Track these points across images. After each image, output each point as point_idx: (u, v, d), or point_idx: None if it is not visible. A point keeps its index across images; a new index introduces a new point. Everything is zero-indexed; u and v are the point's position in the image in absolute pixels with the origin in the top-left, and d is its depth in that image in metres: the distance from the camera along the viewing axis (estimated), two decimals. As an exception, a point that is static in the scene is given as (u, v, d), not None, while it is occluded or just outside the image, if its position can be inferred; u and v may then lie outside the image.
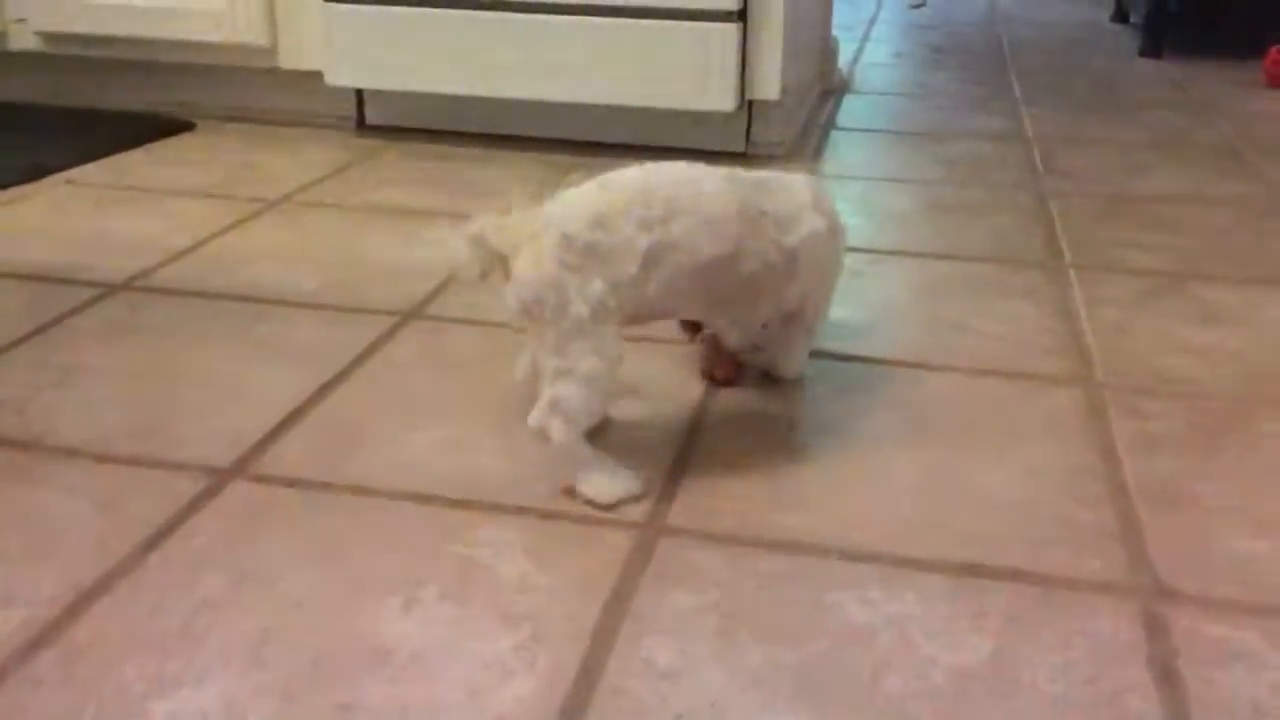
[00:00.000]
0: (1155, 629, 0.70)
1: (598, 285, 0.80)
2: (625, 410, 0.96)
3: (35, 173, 1.58)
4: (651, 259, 0.82)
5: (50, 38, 1.84)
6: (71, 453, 0.88)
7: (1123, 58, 2.61)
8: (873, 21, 3.09)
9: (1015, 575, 0.75)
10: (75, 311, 1.13)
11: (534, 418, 0.82)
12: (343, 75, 1.73)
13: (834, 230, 0.95)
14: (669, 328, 1.07)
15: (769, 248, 0.89)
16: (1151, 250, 1.35)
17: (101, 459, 0.87)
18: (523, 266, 0.80)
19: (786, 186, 0.93)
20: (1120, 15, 3.05)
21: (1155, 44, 2.58)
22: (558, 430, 0.81)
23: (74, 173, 1.60)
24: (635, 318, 0.86)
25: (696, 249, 0.84)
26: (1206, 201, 1.55)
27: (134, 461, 0.87)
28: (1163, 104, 2.15)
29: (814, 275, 0.94)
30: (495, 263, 0.82)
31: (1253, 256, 1.34)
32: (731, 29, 1.58)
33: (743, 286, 0.89)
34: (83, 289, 1.19)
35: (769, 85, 1.63)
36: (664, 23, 1.59)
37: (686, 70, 1.60)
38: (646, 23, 1.60)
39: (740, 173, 0.91)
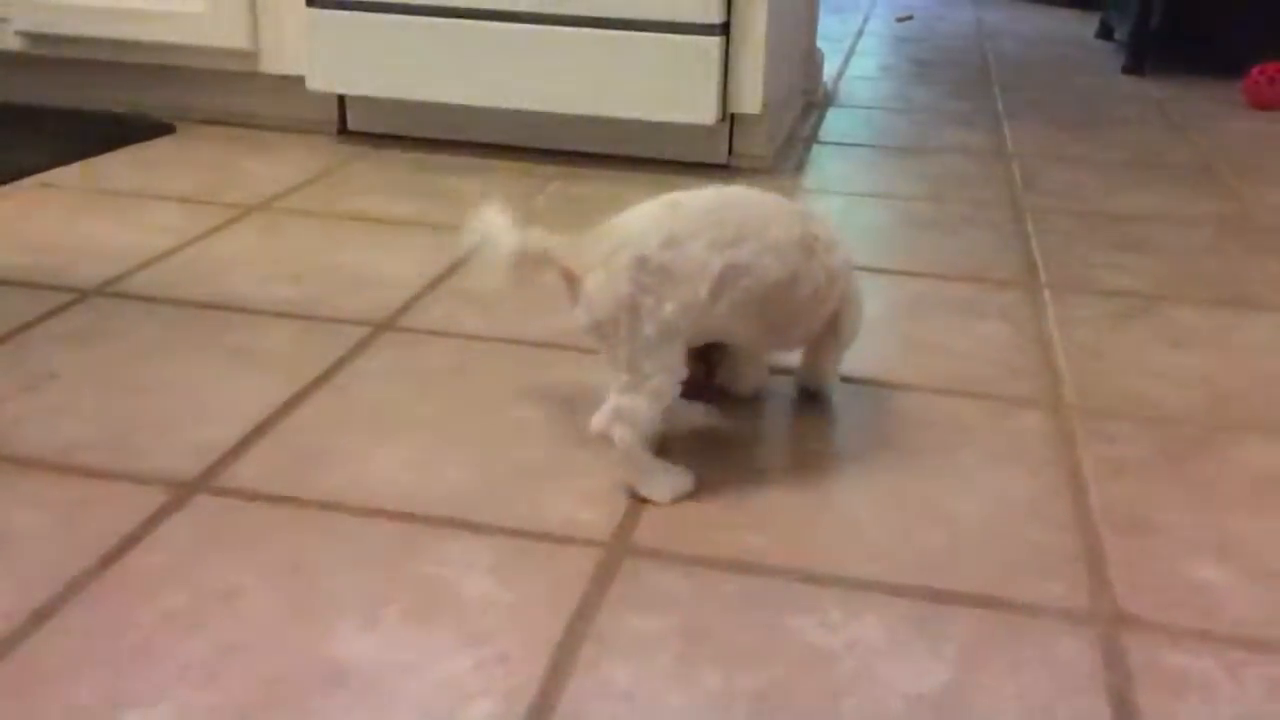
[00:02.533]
0: (1114, 657, 0.70)
1: (669, 307, 0.82)
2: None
3: (11, 174, 1.57)
4: (722, 282, 0.84)
5: (32, 38, 1.83)
6: (34, 463, 0.87)
7: (1106, 75, 2.62)
8: (859, 34, 3.10)
9: (977, 600, 0.75)
10: (46, 317, 1.13)
11: (598, 421, 0.84)
12: (324, 80, 1.73)
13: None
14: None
15: (820, 272, 0.91)
16: (1126, 270, 1.36)
17: (64, 470, 0.86)
18: (598, 287, 0.82)
19: (815, 211, 0.96)
20: (1105, 32, 3.07)
21: (1138, 62, 2.60)
22: (621, 436, 0.83)
23: (51, 175, 1.59)
24: (697, 337, 0.88)
25: (764, 273, 0.86)
26: (1182, 221, 1.56)
27: (97, 473, 0.86)
28: (1142, 122, 2.16)
29: (846, 296, 0.96)
30: (533, 272, 0.85)
31: (1225, 278, 1.35)
32: (714, 42, 1.58)
33: (795, 311, 0.92)
34: (55, 294, 1.18)
35: (751, 99, 1.63)
36: (647, 35, 1.59)
37: (668, 83, 1.60)
38: (629, 34, 1.60)
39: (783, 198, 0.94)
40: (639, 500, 0.84)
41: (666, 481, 0.85)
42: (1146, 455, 0.94)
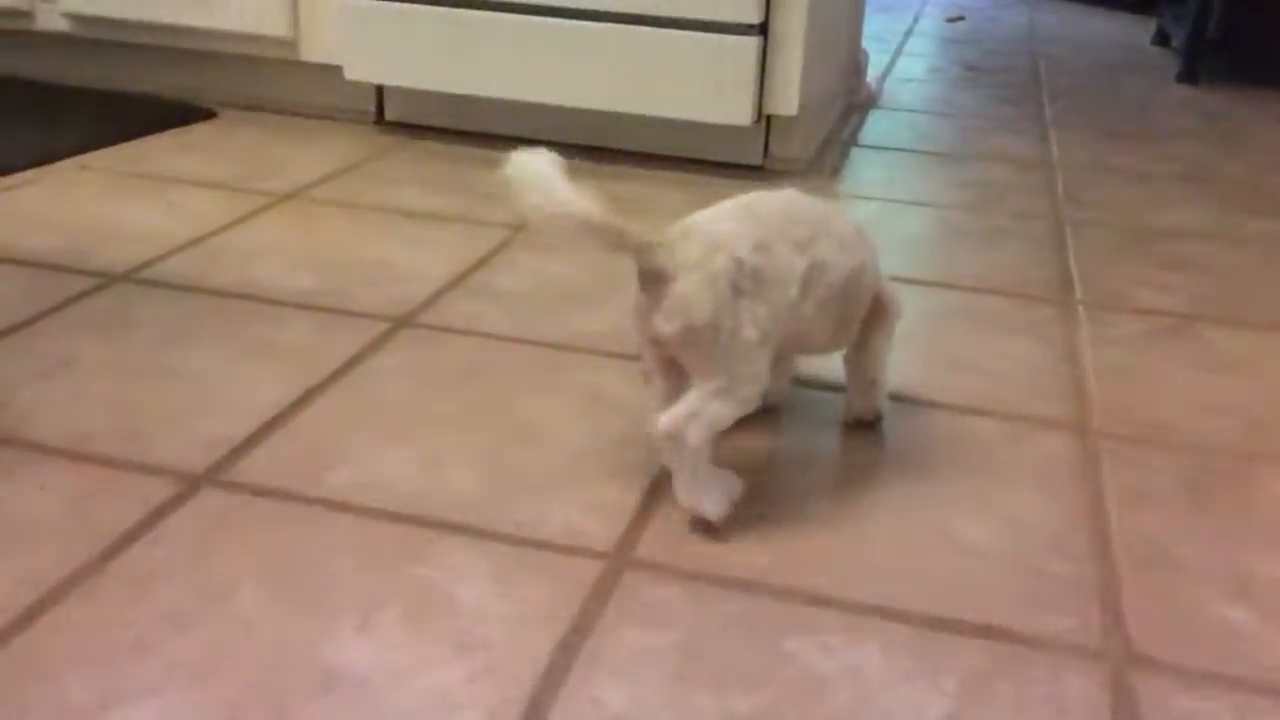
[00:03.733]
0: (1122, 697, 0.68)
1: (764, 311, 0.81)
2: (609, 427, 0.94)
3: (50, 155, 1.59)
4: (807, 281, 0.84)
5: (77, 19, 1.85)
6: (47, 450, 0.87)
7: (1159, 83, 2.57)
8: (908, 34, 3.05)
9: (984, 631, 0.73)
10: (71, 302, 1.14)
11: (668, 422, 0.79)
12: (361, 70, 1.73)
13: None
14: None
15: (872, 263, 0.93)
16: (1166, 289, 1.32)
17: (76, 458, 0.87)
18: (695, 290, 0.78)
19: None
20: (1161, 38, 3.00)
21: (1192, 70, 2.53)
22: (695, 435, 0.79)
23: (89, 157, 1.61)
24: (781, 346, 0.86)
25: (839, 268, 0.87)
26: (1228, 239, 1.52)
27: (108, 462, 0.86)
28: (1194, 134, 2.11)
29: (879, 280, 0.96)
30: (588, 244, 0.80)
31: (1269, 299, 1.31)
32: (751, 42, 1.56)
33: (861, 301, 0.92)
34: (82, 279, 1.19)
35: (787, 101, 1.61)
36: (684, 33, 1.58)
37: (704, 82, 1.58)
38: (667, 32, 1.58)
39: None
40: (697, 521, 0.81)
41: (723, 493, 0.81)
42: (1172, 485, 0.91)
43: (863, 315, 0.95)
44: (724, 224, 0.83)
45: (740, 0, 1.54)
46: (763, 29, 1.57)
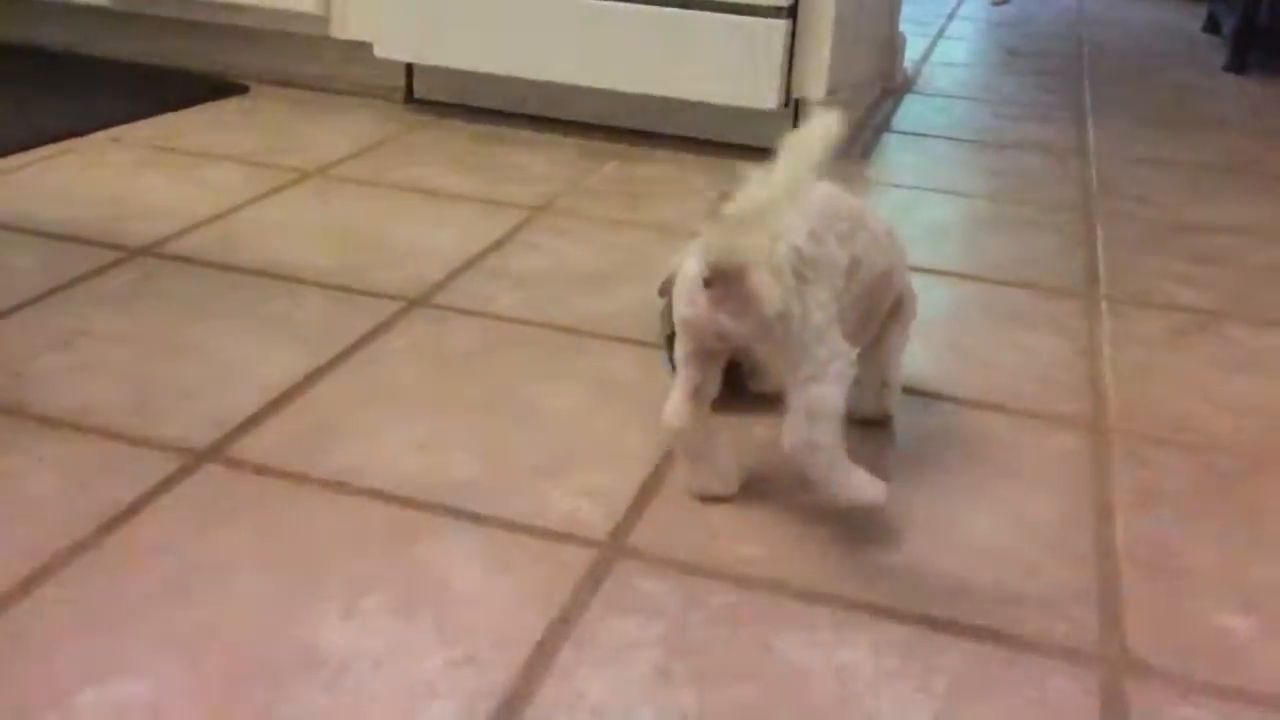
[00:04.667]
0: (1113, 704, 0.67)
1: (824, 293, 0.80)
2: (614, 413, 0.94)
3: (84, 127, 1.61)
4: (849, 274, 0.83)
5: (115, -7, 1.87)
6: (55, 422, 0.89)
7: (1206, 71, 2.51)
8: (951, 17, 3.01)
9: (976, 632, 0.72)
10: (92, 275, 1.15)
11: (791, 436, 0.78)
12: (391, 48, 1.73)
13: None
14: (653, 330, 1.06)
15: (900, 265, 0.93)
16: (1196, 285, 1.30)
17: (83, 430, 0.88)
18: (765, 284, 0.77)
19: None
20: (1212, 25, 2.93)
21: (1240, 60, 2.47)
22: (823, 433, 0.78)
23: (121, 129, 1.62)
24: None
25: (873, 266, 0.86)
26: (1264, 235, 1.48)
27: (114, 435, 0.87)
28: (1238, 125, 2.06)
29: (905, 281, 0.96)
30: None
31: (1302, 299, 1.28)
32: (780, 25, 1.54)
33: (883, 303, 0.92)
34: (104, 251, 1.21)
35: (815, 85, 1.59)
36: (712, 15, 1.56)
37: (731, 65, 1.57)
38: (695, 14, 1.57)
39: None
40: (852, 509, 0.80)
41: (868, 476, 0.80)
42: (1184, 486, 0.89)
43: (883, 315, 0.94)
44: (774, 212, 0.80)
45: (770, -18, 1.52)
46: (791, 12, 1.55)
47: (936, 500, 0.86)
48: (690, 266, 0.79)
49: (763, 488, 0.86)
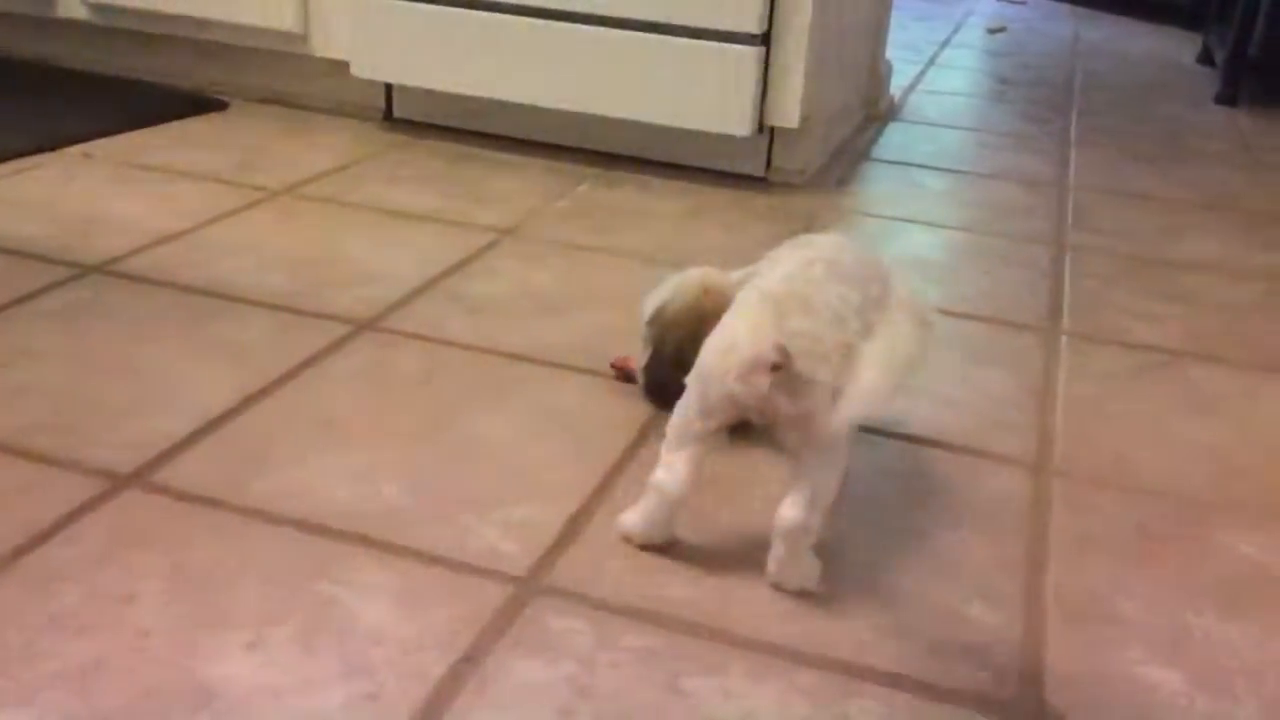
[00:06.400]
0: (1023, 759, 0.65)
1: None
2: (551, 446, 0.93)
3: (56, 142, 1.61)
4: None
5: (97, 8, 1.87)
6: (-18, 443, 0.88)
7: (1196, 103, 2.49)
8: (944, 44, 3.00)
9: (889, 679, 0.71)
10: (41, 292, 1.15)
11: (794, 514, 0.76)
12: (368, 68, 1.73)
13: None
14: (605, 358, 1.05)
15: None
16: (1158, 322, 1.28)
17: (11, 451, 0.87)
18: (825, 368, 0.75)
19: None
20: (1206, 56, 2.92)
21: (1231, 91, 2.46)
22: (817, 519, 0.77)
23: (94, 144, 1.62)
24: None
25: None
26: (1236, 273, 1.46)
27: (40, 457, 0.87)
28: (1223, 158, 2.04)
29: None
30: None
31: (1267, 339, 1.26)
32: (753, 53, 1.53)
33: None
34: (59, 268, 1.20)
35: (789, 113, 1.58)
36: (686, 41, 1.56)
37: (705, 90, 1.56)
38: (670, 39, 1.56)
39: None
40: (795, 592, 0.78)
41: (814, 563, 0.79)
42: (1122, 533, 0.88)
43: None
44: (829, 289, 0.78)
45: (742, 9, 1.52)
46: (766, 39, 1.55)
47: (866, 540, 0.85)
48: (743, 345, 0.75)
49: (694, 524, 0.85)
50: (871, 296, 0.81)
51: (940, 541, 0.85)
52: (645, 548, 0.81)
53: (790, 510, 0.76)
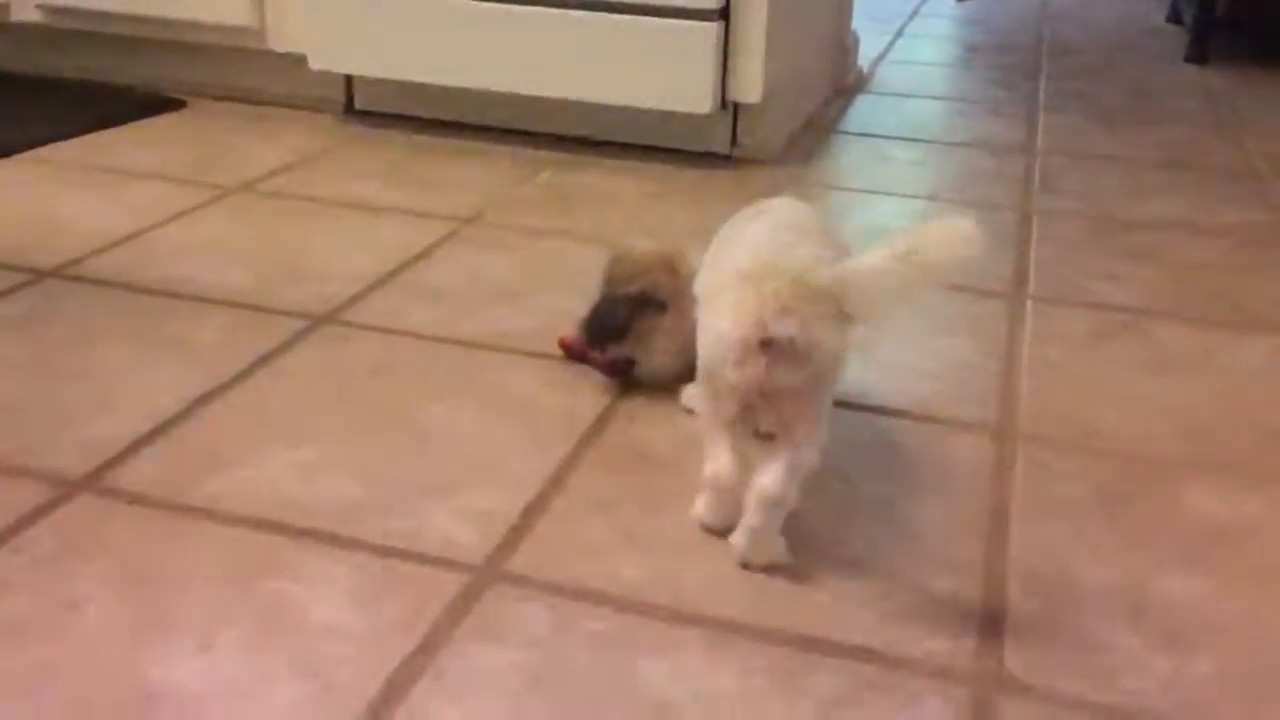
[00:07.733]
0: (982, 726, 0.65)
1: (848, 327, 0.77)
2: (507, 434, 0.92)
3: (12, 147, 1.59)
4: None
5: (51, 11, 1.84)
6: (-70, 454, 0.87)
7: (1166, 64, 2.49)
8: (913, 15, 2.98)
9: (849, 651, 0.70)
10: (-5, 299, 1.13)
11: (775, 486, 0.75)
12: (326, 59, 1.71)
13: None
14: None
15: None
16: (1122, 282, 1.28)
17: (-41, 462, 0.86)
18: (821, 326, 0.74)
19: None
20: (1175, 16, 2.91)
21: (1201, 50, 2.45)
22: (794, 493, 0.76)
23: (51, 149, 1.60)
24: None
25: None
26: (1202, 231, 1.46)
27: (-10, 466, 0.86)
28: (1192, 118, 2.03)
29: None
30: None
31: (1227, 295, 1.26)
32: (711, 28, 1.52)
33: None
34: (11, 274, 1.19)
35: (751, 88, 1.57)
36: (643, 19, 1.54)
37: (664, 69, 1.55)
38: (626, 19, 1.55)
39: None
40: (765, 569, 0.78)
41: (782, 541, 0.78)
42: (1085, 495, 0.87)
43: None
44: (801, 252, 0.77)
45: (698, -15, 1.50)
46: (724, 14, 1.54)
47: (826, 511, 0.84)
48: (728, 331, 0.73)
49: (651, 502, 0.84)
50: (842, 247, 0.81)
51: (903, 510, 0.84)
52: (719, 533, 0.80)
53: (768, 479, 0.75)
